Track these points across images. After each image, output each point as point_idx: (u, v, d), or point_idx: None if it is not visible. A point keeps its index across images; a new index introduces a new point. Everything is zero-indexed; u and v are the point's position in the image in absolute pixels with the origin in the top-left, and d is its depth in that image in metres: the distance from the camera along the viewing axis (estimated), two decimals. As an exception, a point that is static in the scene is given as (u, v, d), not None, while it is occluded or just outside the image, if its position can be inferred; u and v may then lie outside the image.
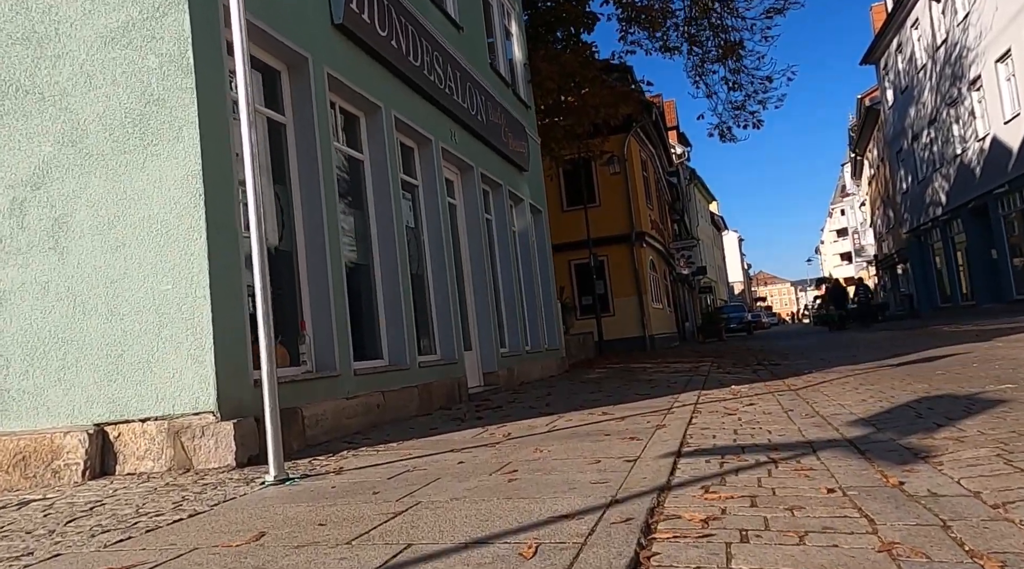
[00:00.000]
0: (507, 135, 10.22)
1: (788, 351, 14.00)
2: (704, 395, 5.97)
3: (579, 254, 21.36)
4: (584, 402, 6.21)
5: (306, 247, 5.24)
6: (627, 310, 22.06)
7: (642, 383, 7.93)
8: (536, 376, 10.32)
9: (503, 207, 10.01)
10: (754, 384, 6.82)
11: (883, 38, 29.44)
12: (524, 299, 10.90)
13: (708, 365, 10.69)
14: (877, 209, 37.95)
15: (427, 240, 7.52)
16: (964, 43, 21.78)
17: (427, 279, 7.46)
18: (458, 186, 8.80)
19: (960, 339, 11.11)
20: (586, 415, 5.17)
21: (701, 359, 12.85)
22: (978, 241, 23.19)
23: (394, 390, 5.92)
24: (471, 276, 8.74)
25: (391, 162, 6.54)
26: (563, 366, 12.14)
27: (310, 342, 5.09)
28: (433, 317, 7.42)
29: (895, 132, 30.22)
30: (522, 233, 11.15)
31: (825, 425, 3.84)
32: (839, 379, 6.54)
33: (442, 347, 7.41)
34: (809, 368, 8.54)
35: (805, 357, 11.38)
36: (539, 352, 10.79)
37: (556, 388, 8.32)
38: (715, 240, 64.68)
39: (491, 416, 5.72)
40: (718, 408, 5.00)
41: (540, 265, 12.03)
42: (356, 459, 3.95)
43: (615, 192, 22.41)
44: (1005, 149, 19.91)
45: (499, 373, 8.69)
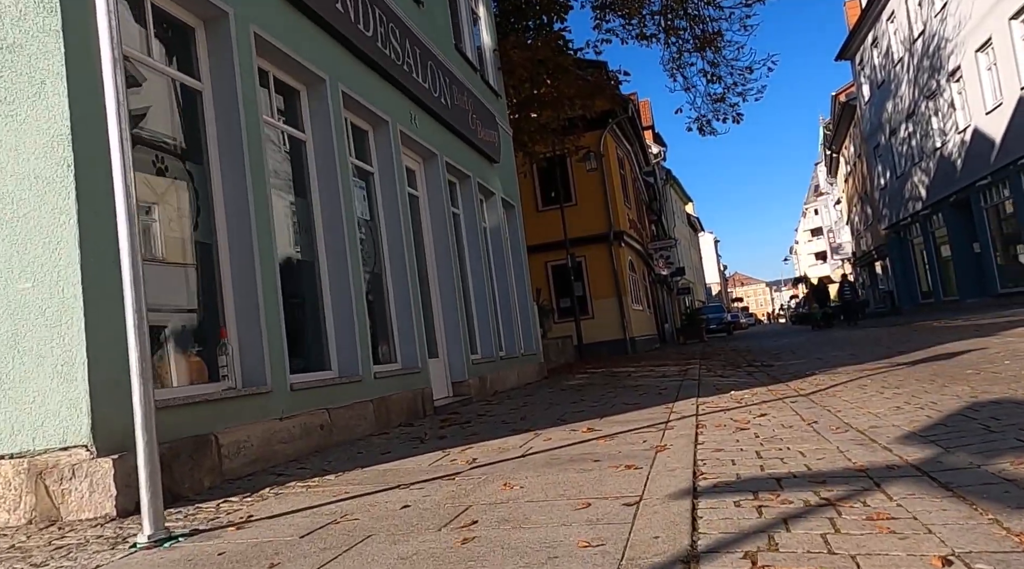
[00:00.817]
0: (475, 123, 9.40)
1: (777, 351, 13.32)
2: (703, 404, 5.17)
3: (556, 255, 20.59)
4: (565, 414, 5.39)
5: (229, 239, 4.35)
6: (607, 312, 21.33)
7: (629, 390, 7.14)
8: (512, 384, 9.49)
9: (472, 200, 9.17)
10: (755, 389, 6.05)
11: (858, 33, 29.13)
12: (497, 301, 10.07)
13: (696, 368, 9.94)
14: (854, 206, 37.72)
15: (385, 234, 6.66)
16: (942, 34, 21.40)
17: (385, 278, 6.59)
18: (421, 176, 7.95)
19: (960, 334, 10.48)
20: (568, 432, 4.34)
21: (687, 361, 12.11)
22: (960, 235, 22.81)
23: (343, 406, 5.05)
24: (437, 275, 7.89)
25: (339, 143, 5.68)
26: (541, 372, 11.32)
27: (233, 353, 4.20)
28: (393, 321, 6.56)
29: (872, 127, 29.91)
30: (494, 229, 10.32)
31: (869, 443, 3.05)
32: (852, 381, 5.79)
33: (403, 355, 6.55)
34: (810, 369, 7.80)
35: (799, 357, 10.68)
36: (515, 358, 9.96)
37: (534, 397, 7.49)
38: (692, 241, 64.45)
39: (456, 434, 4.87)
40: (724, 420, 4.20)
41: (514, 264, 11.21)
42: (276, 501, 3.09)
43: (592, 190, 21.69)
44: (987, 140, 19.51)
45: (470, 382, 7.84)
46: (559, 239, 19.41)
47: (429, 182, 8.01)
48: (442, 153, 8.15)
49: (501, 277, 10.29)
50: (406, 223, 6.81)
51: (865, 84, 30.14)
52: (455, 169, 8.71)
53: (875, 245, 32.87)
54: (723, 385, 6.72)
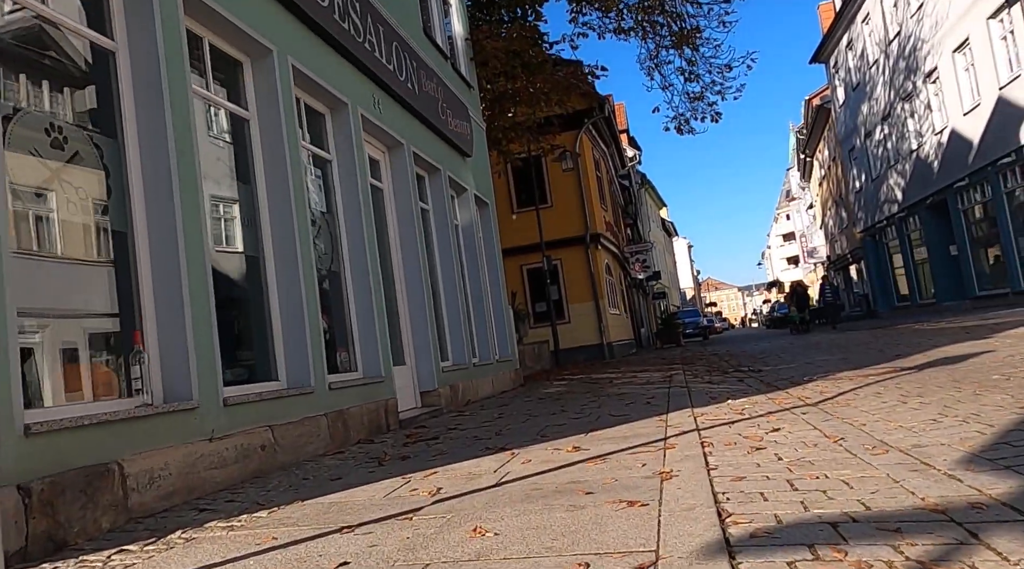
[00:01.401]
0: (446, 113, 8.77)
1: (761, 355, 12.84)
2: (701, 415, 4.59)
3: (532, 258, 20.00)
4: (545, 429, 4.77)
5: (149, 228, 3.67)
6: (583, 317, 20.80)
7: (613, 399, 6.54)
8: (486, 393, 8.85)
9: (442, 196, 8.53)
10: (754, 398, 5.50)
11: (832, 35, 29.06)
12: (470, 304, 9.43)
13: (681, 374, 9.40)
14: (828, 210, 37.73)
15: (345, 229, 5.99)
16: (918, 35, 21.28)
17: (344, 278, 5.93)
18: (385, 166, 7.29)
19: (951, 337, 10.08)
20: (551, 452, 3.72)
21: (669, 367, 11.57)
22: (937, 238, 22.68)
23: (291, 422, 4.38)
24: (403, 275, 7.23)
25: (288, 125, 5.01)
26: (517, 379, 10.69)
27: (150, 362, 3.51)
28: (352, 325, 5.89)
29: (847, 130, 29.83)
30: (466, 228, 9.69)
31: (925, 468, 2.48)
32: (862, 389, 5.25)
33: (364, 363, 5.88)
34: (805, 375, 7.28)
35: (786, 362, 10.19)
36: (489, 365, 9.32)
37: (510, 408, 6.86)
38: (667, 246, 64.42)
39: (422, 454, 4.23)
40: (733, 437, 3.61)
41: (488, 265, 10.58)
42: (183, 551, 2.42)
43: (568, 192, 21.18)
44: (965, 141, 19.35)
45: (440, 391, 7.19)
46: (535, 242, 18.83)
47: (395, 174, 7.36)
48: (409, 143, 7.50)
49: (474, 278, 9.65)
50: (368, 217, 6.15)
51: (840, 87, 30.08)
52: (424, 161, 8.07)
53: (850, 248, 32.81)
54: (716, 393, 6.16)
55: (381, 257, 6.89)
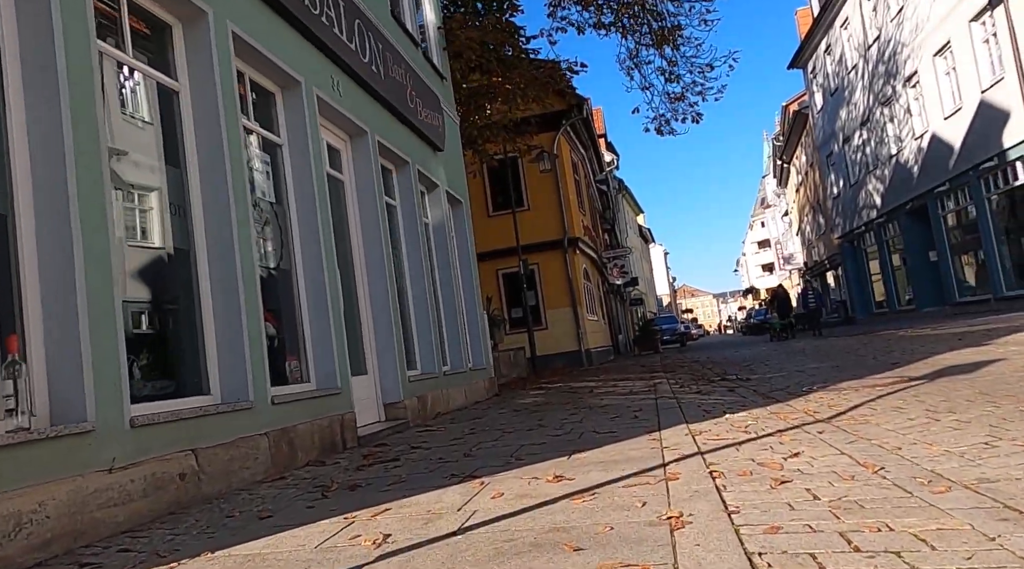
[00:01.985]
0: (415, 102, 8.14)
1: (746, 363, 12.35)
2: (699, 434, 4.00)
3: (508, 262, 19.41)
4: (522, 449, 4.15)
5: (36, 212, 3.00)
6: (561, 323, 20.24)
7: (596, 412, 5.94)
8: (458, 404, 8.21)
9: (411, 191, 7.89)
10: (752, 411, 4.93)
11: (811, 41, 28.94)
12: (441, 307, 8.79)
13: (665, 383, 8.84)
14: (805, 216, 37.65)
15: (297, 222, 5.33)
16: (898, 39, 21.10)
17: (296, 276, 5.26)
18: (347, 156, 6.64)
19: (947, 343, 9.65)
20: (527, 482, 3.10)
21: (651, 375, 11.02)
22: (916, 243, 22.50)
23: (221, 445, 3.71)
24: (366, 275, 6.58)
25: (226, 99, 4.35)
26: (492, 389, 10.06)
27: (31, 376, 2.84)
28: (305, 330, 5.22)
29: (825, 136, 29.71)
30: (438, 226, 9.05)
31: (1017, 516, 1.89)
32: (875, 401, 4.70)
33: (318, 372, 5.22)
34: (801, 384, 6.75)
35: (774, 370, 9.68)
36: (461, 373, 8.68)
37: (482, 422, 6.23)
38: (643, 253, 64.29)
39: (376, 481, 3.58)
40: (745, 463, 3.02)
41: (461, 266, 9.95)
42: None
43: (546, 195, 20.64)
44: (945, 146, 19.16)
45: (406, 404, 6.53)
46: (511, 245, 18.21)
47: (357, 164, 6.71)
48: (374, 131, 6.85)
49: (446, 280, 9.01)
50: (324, 209, 5.50)
51: (818, 92, 29.97)
52: (390, 152, 7.42)
53: (828, 255, 32.69)
54: (710, 406, 5.59)
55: (341, 255, 6.23)
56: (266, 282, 4.87)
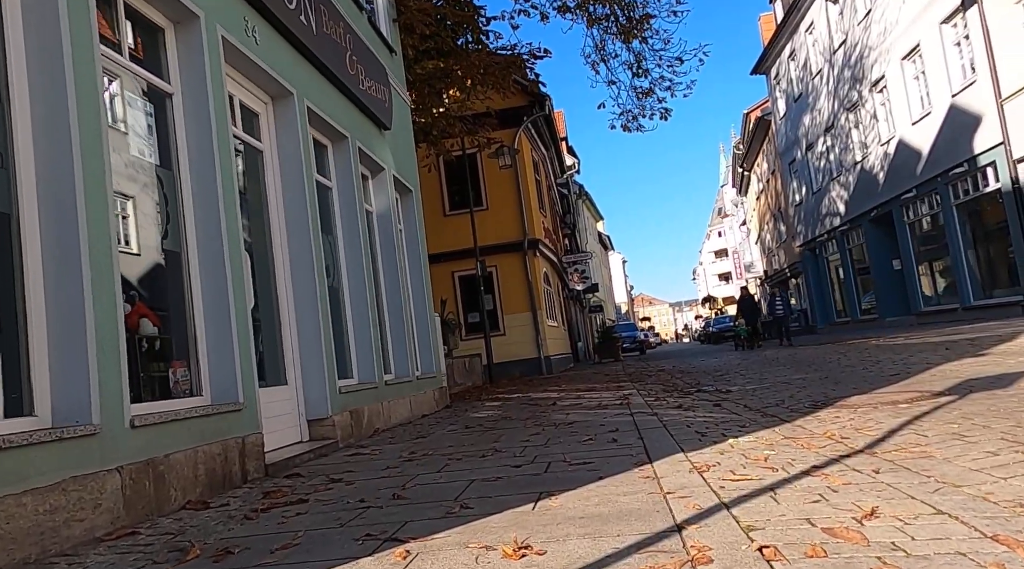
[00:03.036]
0: (357, 68, 7.04)
1: (718, 373, 11.51)
2: (705, 469, 3.00)
3: (464, 264, 18.34)
4: (471, 488, 3.10)
5: None
6: (520, 328, 19.26)
7: (564, 431, 4.93)
8: (402, 418, 7.11)
9: (350, 171, 6.79)
10: (757, 434, 3.98)
11: (774, 46, 28.65)
12: (385, 308, 7.70)
13: (636, 394, 7.89)
14: (766, 224, 37.47)
15: (190, 192, 4.19)
16: (865, 42, 20.76)
17: (187, 261, 4.12)
18: (267, 121, 5.51)
19: (935, 353, 8.94)
20: (474, 556, 2.05)
21: (618, 385, 10.08)
22: (880, 251, 22.18)
23: (35, 490, 2.57)
24: (289, 266, 5.45)
25: (75, 25, 3.22)
26: (443, 399, 8.98)
27: None
28: (198, 328, 4.09)
29: (788, 143, 29.43)
30: (383, 216, 7.95)
31: None
32: (917, 424, 3.78)
33: (215, 383, 4.09)
34: (799, 400, 5.84)
35: (753, 380, 8.82)
36: (407, 383, 7.58)
37: (427, 442, 5.15)
38: (603, 260, 63.85)
39: (257, 546, 2.49)
40: (802, 531, 2.02)
41: (411, 263, 8.87)
42: None
43: (505, 194, 19.67)
44: (913, 152, 18.80)
45: (334, 420, 5.41)
46: (468, 246, 17.13)
47: (281, 132, 5.58)
48: (302, 94, 5.74)
49: (392, 277, 7.91)
50: (228, 179, 4.37)
51: (781, 98, 29.70)
52: (324, 123, 6.32)
53: (789, 263, 32.44)
54: (700, 425, 4.62)
55: (256, 238, 5.12)
56: (139, 265, 3.73)
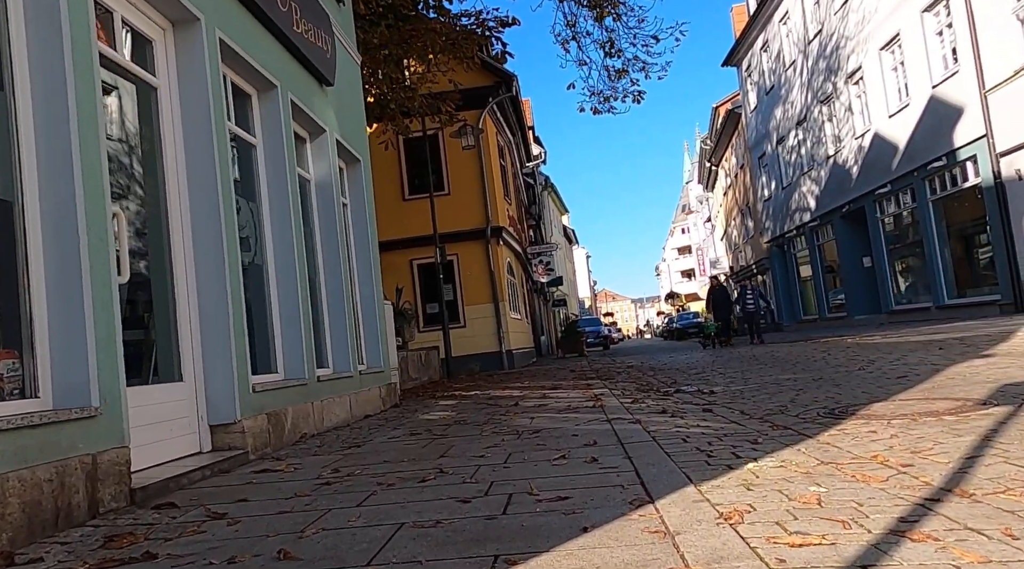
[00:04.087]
0: (290, 6, 5.95)
1: (693, 371, 10.68)
2: (738, 517, 2.06)
3: (424, 252, 17.26)
4: (399, 535, 2.10)
5: None
6: (481, 321, 18.28)
7: (528, 443, 3.97)
8: (338, 420, 6.07)
9: (279, 126, 5.70)
10: (781, 455, 3.07)
11: (747, 37, 28.07)
12: (324, 291, 6.64)
13: (610, 395, 6.98)
14: (733, 219, 37.07)
15: (31, 122, 3.10)
16: (842, 32, 20.20)
17: (21, 211, 3.04)
18: (163, 51, 4.41)
19: (928, 352, 8.22)
20: None
21: (587, 383, 9.18)
22: (851, 248, 21.73)
23: None
24: (190, 233, 4.36)
25: None
26: (392, 397, 7.95)
27: None
28: (32, 306, 3.01)
29: (758, 136, 28.92)
30: (323, 185, 6.87)
31: None
32: (999, 446, 2.90)
33: (58, 380, 3.02)
34: (804, 406, 4.97)
35: (736, 380, 7.98)
36: (346, 379, 6.53)
37: (357, 457, 4.14)
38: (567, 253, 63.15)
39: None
40: None
41: (357, 241, 7.82)
42: None
43: (469, 179, 18.64)
44: (889, 145, 18.29)
45: (245, 425, 4.35)
46: (428, 233, 16.05)
47: (182, 66, 4.48)
48: (211, 20, 4.64)
49: (333, 257, 6.84)
50: (86, 107, 3.28)
51: (752, 91, 29.17)
52: (246, 66, 5.22)
53: (756, 259, 32.03)
54: (698, 438, 3.70)
55: (149, 194, 4.04)
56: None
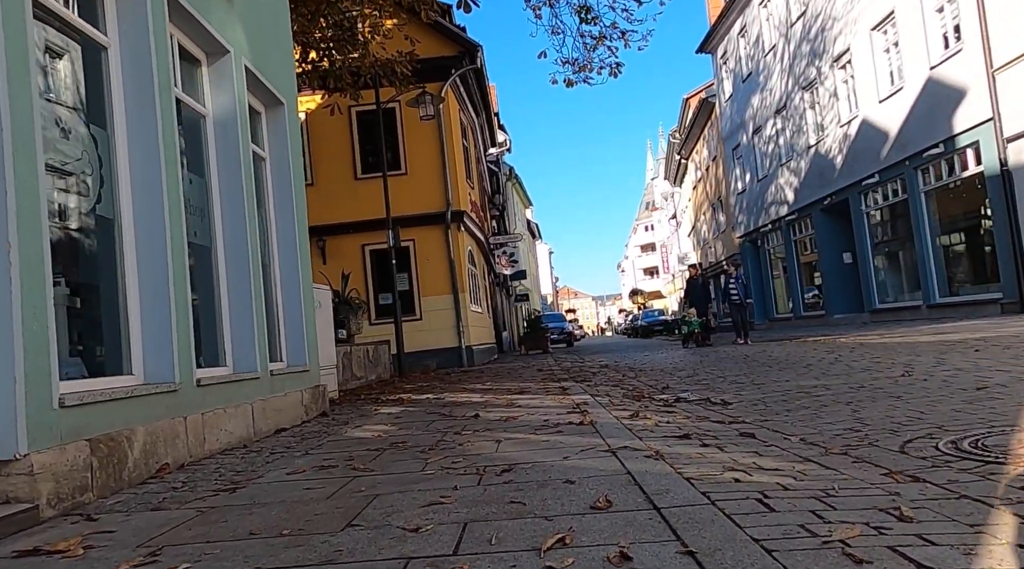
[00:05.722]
0: None
1: (679, 371, 9.23)
2: None
3: (378, 237, 15.52)
4: None
5: None
6: (439, 313, 16.66)
7: (496, 497, 2.40)
8: (232, 438, 4.41)
9: (146, 34, 4.00)
10: (941, 551, 1.55)
11: (724, 21, 26.87)
12: (221, 263, 4.96)
13: (596, 404, 5.47)
14: (703, 214, 35.99)
15: None
16: (829, 13, 19.04)
17: None
18: None
19: (966, 356, 6.89)
20: None
21: (560, 386, 7.64)
22: (831, 243, 20.66)
23: None
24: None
25: None
26: (318, 403, 6.29)
27: None
28: None
29: (733, 126, 27.78)
30: (224, 123, 5.16)
31: None
32: None
33: None
34: (901, 430, 3.49)
35: (745, 386, 6.53)
36: (249, 381, 4.86)
37: (212, 518, 2.50)
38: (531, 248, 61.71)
39: None
40: None
41: (277, 207, 6.15)
42: None
43: (428, 158, 16.98)
44: (878, 133, 17.17)
45: (34, 463, 2.68)
46: (382, 217, 14.32)
47: None
48: None
49: (236, 220, 5.14)
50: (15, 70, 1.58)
51: (727, 79, 28.02)
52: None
53: (727, 255, 30.96)
54: (782, 499, 2.18)
55: None
56: None
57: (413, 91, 13.43)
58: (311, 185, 17.31)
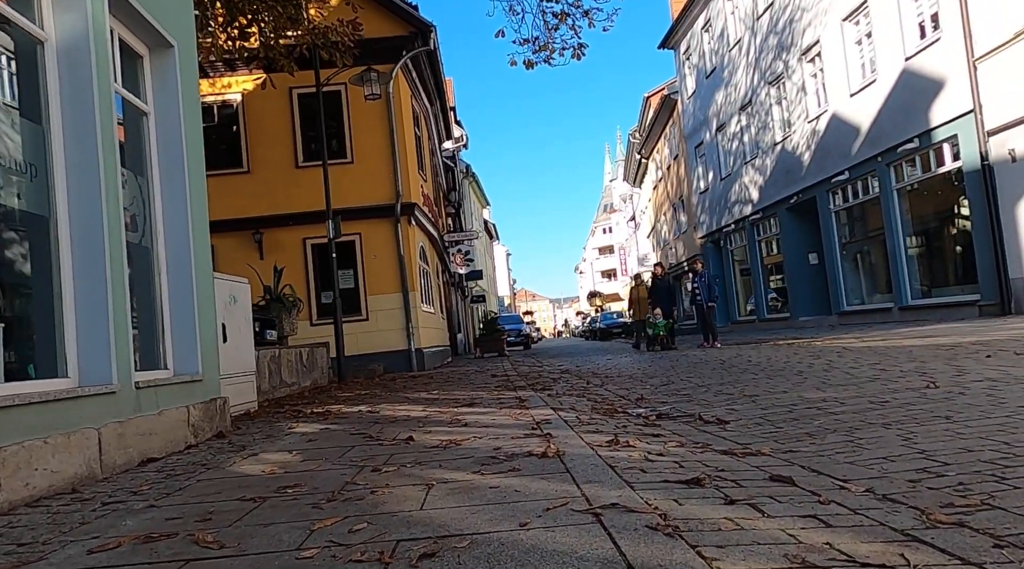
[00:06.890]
0: None
1: (650, 379, 8.18)
2: None
3: (321, 230, 14.17)
4: None
5: None
6: (387, 313, 15.42)
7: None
8: (58, 479, 3.16)
9: None
10: None
11: (687, 15, 26.16)
12: (69, 240, 3.69)
13: (560, 422, 4.38)
14: (663, 215, 35.34)
15: None
16: (798, 3, 18.37)
17: None
18: None
19: (981, 361, 5.99)
20: None
21: (516, 396, 6.52)
22: (797, 243, 20.02)
23: None
24: None
25: None
26: (216, 421, 5.04)
27: None
28: None
29: (695, 124, 27.09)
30: (73, 57, 3.90)
31: None
32: None
33: None
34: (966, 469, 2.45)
35: (735, 399, 5.50)
36: (104, 395, 3.61)
37: None
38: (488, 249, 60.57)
39: None
40: None
41: (165, 173, 4.89)
42: None
43: (376, 146, 15.72)
44: (849, 127, 16.51)
45: None
46: (324, 208, 13.00)
47: None
48: None
49: (89, 183, 3.87)
50: None
51: (690, 75, 27.33)
52: None
53: (688, 255, 30.30)
54: None
55: None
56: None
57: (357, 68, 12.19)
58: (247, 173, 15.90)
